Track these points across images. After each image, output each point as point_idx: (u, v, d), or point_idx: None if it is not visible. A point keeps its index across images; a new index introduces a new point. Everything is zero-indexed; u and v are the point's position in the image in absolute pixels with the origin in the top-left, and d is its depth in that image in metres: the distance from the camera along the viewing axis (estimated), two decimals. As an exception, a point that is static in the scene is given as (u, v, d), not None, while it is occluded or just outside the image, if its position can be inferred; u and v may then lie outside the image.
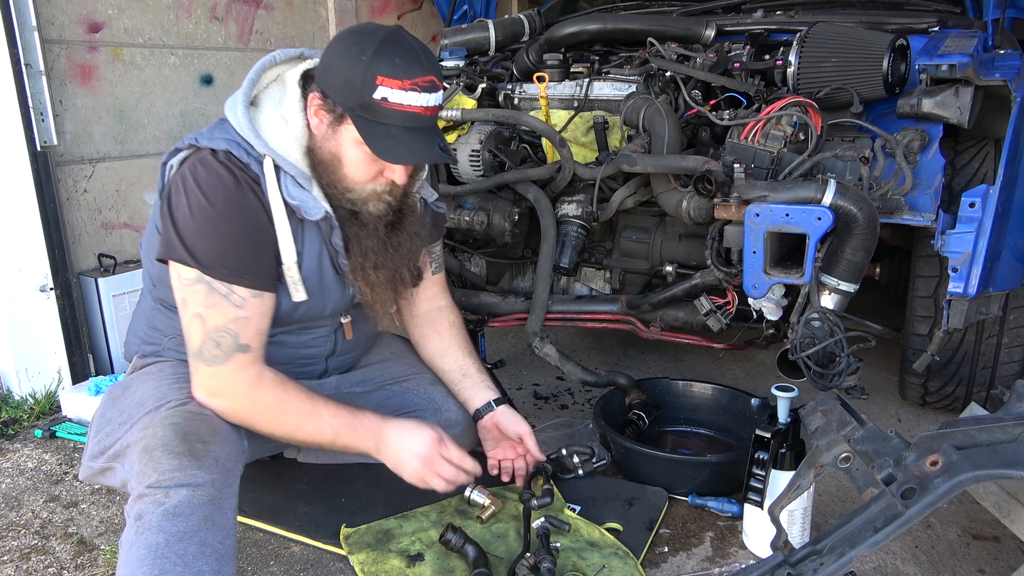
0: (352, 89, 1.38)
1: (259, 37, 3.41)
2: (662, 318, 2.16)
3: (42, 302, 2.50)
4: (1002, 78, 1.80)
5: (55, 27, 2.58)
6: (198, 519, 1.27)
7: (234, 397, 1.46)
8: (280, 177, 1.46)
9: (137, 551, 1.23)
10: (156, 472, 1.30)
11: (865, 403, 2.38)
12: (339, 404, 1.55)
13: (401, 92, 1.38)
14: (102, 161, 2.76)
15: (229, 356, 1.44)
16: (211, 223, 1.41)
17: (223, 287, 1.43)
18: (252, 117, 1.47)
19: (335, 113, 1.43)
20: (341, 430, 1.52)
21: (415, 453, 1.54)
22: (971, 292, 1.72)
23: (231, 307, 1.44)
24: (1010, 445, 1.22)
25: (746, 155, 1.79)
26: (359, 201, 1.52)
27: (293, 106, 1.49)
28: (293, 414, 1.49)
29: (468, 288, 2.42)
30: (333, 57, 1.42)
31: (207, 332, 1.43)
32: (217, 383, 1.45)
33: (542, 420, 2.34)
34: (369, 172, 1.48)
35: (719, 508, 1.80)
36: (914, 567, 1.64)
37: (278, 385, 1.49)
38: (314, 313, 1.61)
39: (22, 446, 2.23)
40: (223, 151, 1.44)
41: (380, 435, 1.54)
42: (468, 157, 2.26)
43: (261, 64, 1.52)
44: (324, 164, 1.48)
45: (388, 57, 1.37)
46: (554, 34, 2.41)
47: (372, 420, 1.56)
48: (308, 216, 1.48)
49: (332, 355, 1.73)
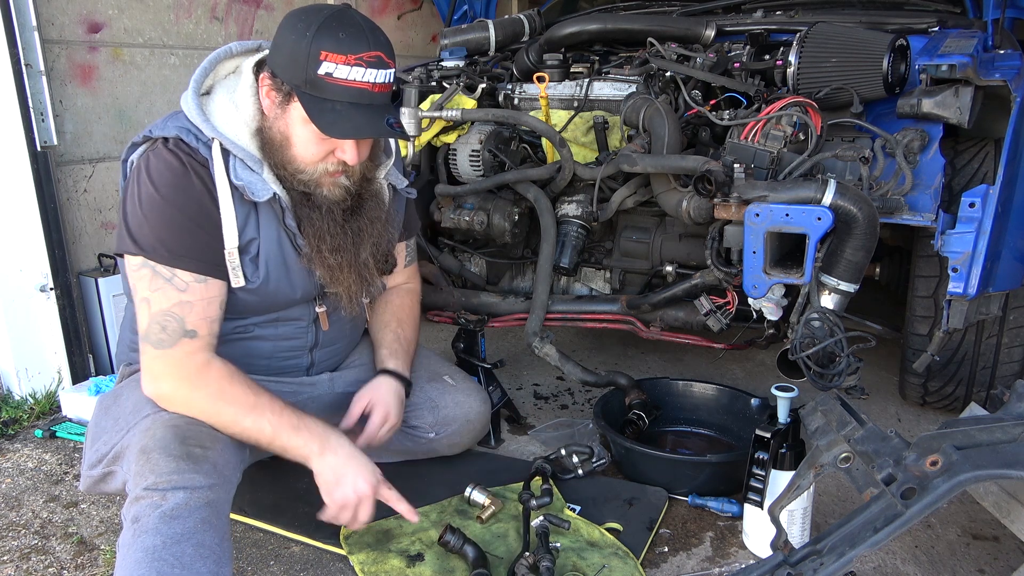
0: (297, 66, 1.39)
1: (259, 37, 3.39)
2: (662, 318, 2.16)
3: (42, 302, 2.50)
4: (1002, 78, 1.80)
5: (55, 27, 2.58)
6: (195, 521, 1.27)
7: (176, 381, 1.44)
8: (229, 160, 1.46)
9: (134, 553, 1.23)
10: (153, 474, 1.30)
11: (865, 403, 2.38)
12: (287, 404, 1.49)
13: (346, 67, 1.37)
14: (102, 161, 2.76)
15: (176, 341, 1.43)
16: (155, 209, 1.42)
17: (166, 271, 1.43)
18: (203, 104, 1.48)
19: (283, 92, 1.44)
20: (282, 429, 1.46)
21: (364, 476, 1.48)
22: (971, 292, 1.72)
23: (174, 291, 1.43)
24: (1010, 445, 1.22)
25: (746, 155, 1.79)
26: (311, 183, 1.51)
27: (245, 91, 1.50)
28: (231, 405, 1.45)
29: (468, 288, 2.42)
30: (281, 35, 1.43)
31: (152, 316, 1.43)
32: (161, 366, 1.44)
33: (542, 420, 2.34)
34: (319, 151, 1.47)
35: (719, 508, 1.80)
36: (914, 567, 1.64)
37: (224, 376, 1.46)
38: (284, 296, 1.59)
39: (22, 446, 2.23)
40: (173, 138, 1.45)
41: (331, 441, 1.49)
42: (468, 157, 2.26)
43: (216, 54, 1.54)
44: (274, 144, 1.48)
45: (332, 33, 1.37)
46: (554, 34, 2.41)
47: (320, 426, 1.50)
48: (255, 197, 1.47)
49: (316, 347, 1.72)
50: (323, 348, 1.73)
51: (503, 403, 2.25)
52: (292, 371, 1.70)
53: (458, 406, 1.85)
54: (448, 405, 1.84)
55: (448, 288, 2.36)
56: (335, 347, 1.78)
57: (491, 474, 1.91)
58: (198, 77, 1.51)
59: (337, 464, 1.48)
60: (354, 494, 1.48)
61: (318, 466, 1.48)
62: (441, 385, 1.86)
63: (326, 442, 1.48)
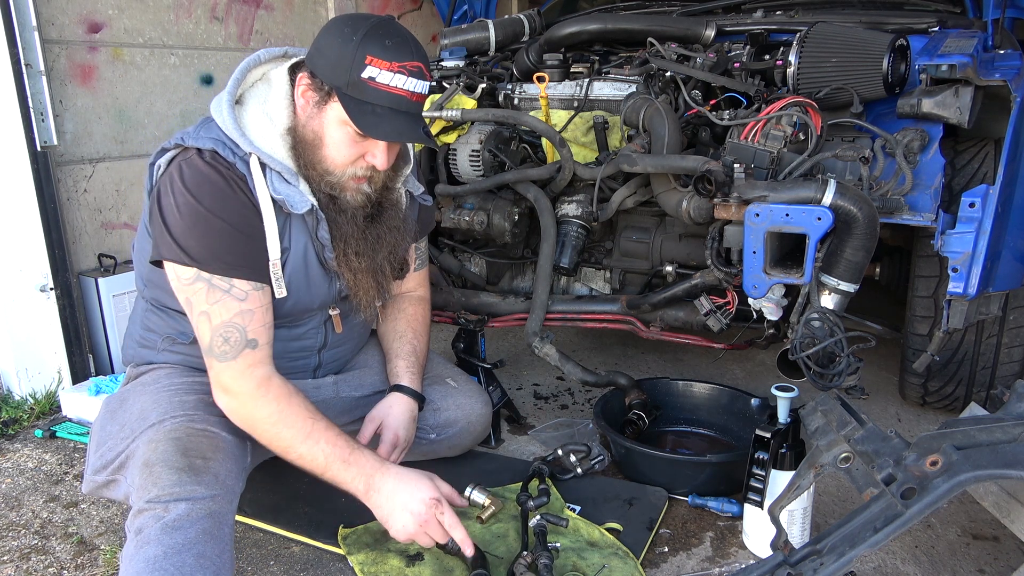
0: (341, 67, 1.41)
1: (259, 37, 3.41)
2: (662, 318, 2.16)
3: (42, 302, 2.50)
4: (1002, 78, 1.80)
5: (55, 27, 2.58)
6: (196, 532, 1.28)
7: (241, 397, 1.46)
8: (266, 174, 1.47)
9: (136, 564, 1.24)
10: (156, 487, 1.31)
11: (865, 403, 2.38)
12: (340, 433, 1.49)
13: (389, 73, 1.40)
14: (102, 161, 2.76)
15: (239, 352, 1.44)
16: (201, 220, 1.42)
17: (223, 282, 1.43)
18: (237, 116, 1.48)
19: (322, 92, 1.45)
20: (333, 462, 1.47)
21: (410, 511, 1.47)
22: (971, 292, 1.72)
23: (234, 301, 1.44)
24: (1010, 445, 1.22)
25: (746, 155, 1.79)
26: (337, 186, 1.52)
27: (279, 102, 1.50)
28: (290, 428, 1.46)
29: (468, 288, 2.42)
30: (325, 38, 1.45)
31: (214, 329, 1.44)
32: (228, 379, 1.46)
33: (542, 420, 2.34)
34: (350, 154, 1.49)
35: (719, 508, 1.80)
36: (914, 567, 1.64)
37: (283, 395, 1.47)
38: (302, 307, 1.61)
39: (22, 446, 2.23)
40: (209, 151, 1.45)
41: (374, 480, 1.48)
42: (468, 157, 2.26)
43: (246, 63, 1.54)
44: (306, 144, 1.49)
45: (379, 39, 1.40)
46: (554, 34, 2.41)
47: (368, 460, 1.49)
48: (294, 209, 1.48)
49: (324, 348, 1.73)
50: (332, 349, 1.74)
51: (503, 403, 2.25)
52: (299, 371, 1.71)
53: (459, 408, 1.85)
54: (450, 408, 1.84)
55: (448, 288, 2.36)
56: (343, 348, 1.79)
57: (491, 474, 1.91)
58: (231, 89, 1.50)
59: (382, 503, 1.48)
60: (404, 530, 1.47)
61: (369, 506, 1.50)
62: (443, 387, 1.86)
63: (371, 480, 1.48)
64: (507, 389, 2.35)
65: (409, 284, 1.89)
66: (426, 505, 1.47)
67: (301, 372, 1.71)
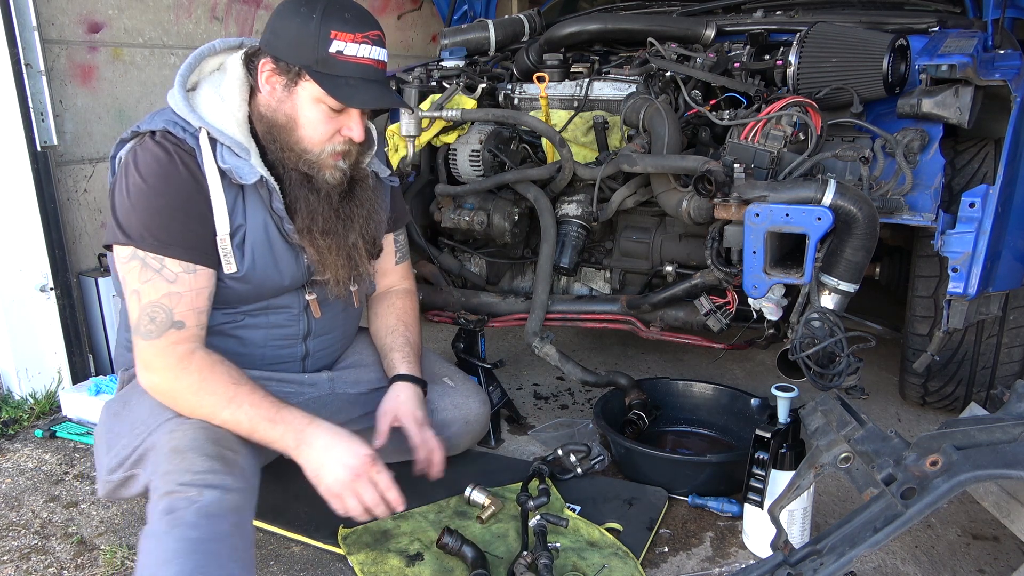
0: (306, 46, 1.43)
1: (259, 37, 3.40)
2: (662, 318, 2.16)
3: (42, 302, 2.50)
4: (1002, 78, 1.79)
5: (55, 27, 2.58)
6: (229, 524, 1.27)
7: (161, 371, 1.45)
8: (216, 148, 1.48)
9: (172, 542, 1.21)
10: (189, 472, 1.30)
11: (865, 403, 2.38)
12: (266, 395, 1.46)
13: (355, 45, 1.44)
14: (102, 161, 2.76)
15: (163, 331, 1.44)
16: (143, 198, 1.43)
17: (155, 261, 1.44)
18: (189, 99, 1.50)
19: (289, 74, 1.47)
20: (259, 422, 1.42)
21: (344, 463, 1.42)
22: (971, 292, 1.72)
23: (164, 282, 1.44)
24: (1010, 445, 1.22)
25: (746, 155, 1.79)
26: (316, 164, 1.53)
27: (232, 84, 1.52)
28: (211, 395, 1.43)
29: (468, 288, 2.42)
30: (281, 22, 1.47)
31: (142, 308, 1.44)
32: (149, 356, 1.45)
33: (542, 420, 2.34)
34: (327, 130, 1.50)
35: (719, 508, 1.80)
36: (914, 567, 1.64)
37: (206, 365, 1.45)
38: (272, 284, 1.59)
39: (22, 446, 2.23)
40: (160, 131, 1.47)
41: (304, 433, 1.44)
42: (468, 157, 2.26)
43: (200, 51, 1.57)
44: (279, 127, 1.50)
45: (338, 13, 1.43)
46: (554, 34, 2.41)
47: (297, 416, 1.45)
48: (243, 179, 1.47)
49: (309, 335, 1.71)
50: (316, 337, 1.73)
51: (503, 403, 2.25)
52: (288, 361, 1.70)
53: (457, 408, 1.85)
54: (447, 407, 1.83)
55: (448, 288, 2.36)
56: (329, 337, 1.77)
57: (491, 474, 1.91)
58: (184, 72, 1.53)
59: (313, 456, 1.44)
60: (337, 484, 1.43)
61: (300, 462, 1.45)
62: (440, 387, 1.85)
63: (300, 434, 1.44)
64: (507, 389, 2.35)
65: (393, 278, 1.89)
66: (360, 460, 1.43)
67: (289, 362, 1.70)
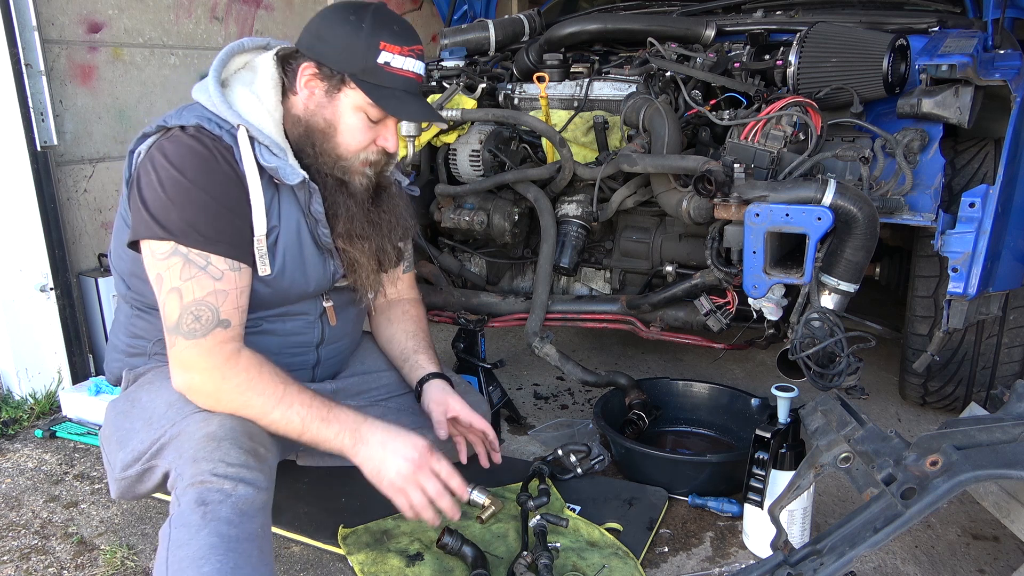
0: (355, 55, 1.44)
1: (259, 37, 3.41)
2: (662, 318, 2.16)
3: (42, 302, 2.50)
4: (1002, 78, 1.80)
5: (55, 27, 2.58)
6: (259, 524, 1.27)
7: (206, 371, 1.39)
8: (254, 146, 1.46)
9: (208, 537, 1.20)
10: (223, 463, 1.27)
11: (865, 403, 2.38)
12: (315, 394, 1.44)
13: (401, 57, 1.46)
14: (102, 161, 2.76)
15: (209, 330, 1.38)
16: (182, 191, 1.38)
17: (199, 258, 1.38)
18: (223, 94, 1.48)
19: (332, 80, 1.47)
20: (311, 421, 1.40)
21: (405, 456, 1.41)
22: (971, 292, 1.72)
23: (209, 279, 1.39)
24: (1010, 445, 1.22)
25: (746, 155, 1.79)
26: (349, 170, 1.53)
27: (266, 83, 1.51)
28: (260, 395, 1.39)
29: (468, 288, 2.42)
30: (328, 28, 1.47)
31: (185, 306, 1.38)
32: (193, 356, 1.38)
33: (542, 420, 2.34)
34: (364, 139, 1.51)
35: (719, 508, 1.80)
36: (914, 567, 1.64)
37: (254, 365, 1.42)
38: (298, 289, 1.57)
39: (22, 446, 2.23)
40: (193, 126, 1.42)
41: (360, 431, 1.43)
42: (468, 157, 2.26)
43: (229, 49, 1.55)
44: (318, 132, 1.50)
45: (387, 25, 1.46)
46: (554, 34, 2.41)
47: (350, 415, 1.44)
48: (286, 180, 1.46)
49: (322, 343, 1.70)
50: (328, 345, 1.73)
51: (503, 403, 2.25)
52: (299, 368, 1.69)
53: None
54: None
55: (448, 288, 2.36)
56: (340, 344, 1.77)
57: (491, 474, 1.90)
58: (217, 67, 1.50)
59: (372, 454, 1.42)
60: (399, 477, 1.41)
61: (357, 460, 1.43)
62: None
63: (356, 432, 1.42)
64: (507, 389, 2.35)
65: (401, 286, 1.89)
66: (420, 451, 1.43)
67: (301, 369, 1.70)
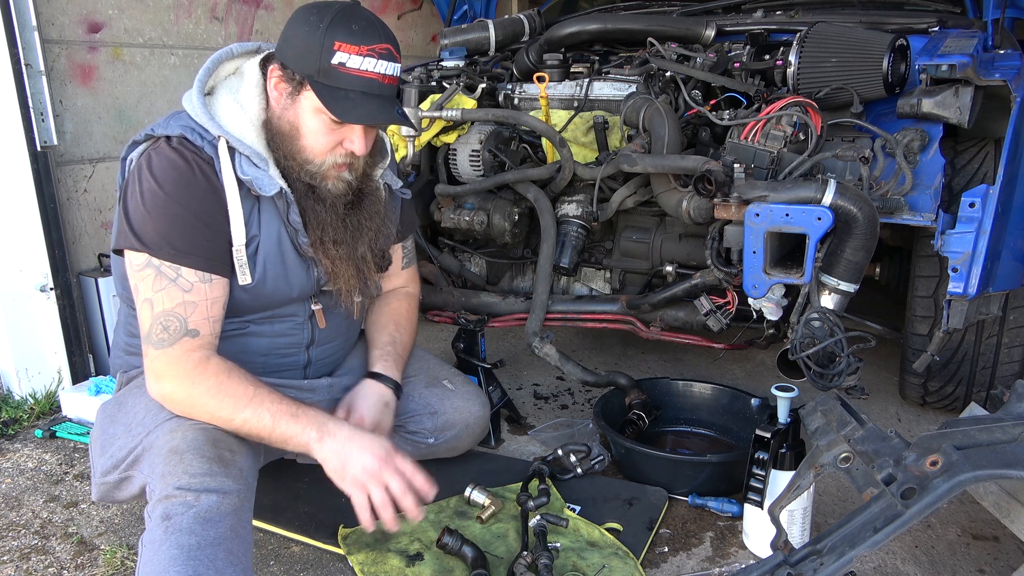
0: (310, 55, 1.42)
1: (259, 37, 3.41)
2: (662, 318, 2.16)
3: (42, 302, 2.50)
4: (1002, 78, 1.79)
5: (55, 27, 2.58)
6: (226, 528, 1.27)
7: (176, 379, 1.42)
8: (235, 157, 1.47)
9: (168, 550, 1.21)
10: (187, 475, 1.29)
11: (865, 403, 2.38)
12: (284, 396, 1.46)
13: (359, 57, 1.42)
14: (102, 161, 2.76)
15: (177, 340, 1.42)
16: (159, 205, 1.42)
17: (170, 270, 1.42)
18: (208, 104, 1.49)
19: (294, 82, 1.46)
20: (281, 417, 1.42)
21: (369, 451, 1.43)
22: (971, 292, 1.72)
23: (179, 291, 1.43)
24: (1010, 445, 1.22)
25: (746, 155, 1.79)
26: (317, 175, 1.52)
27: (250, 91, 1.51)
28: (231, 397, 1.42)
29: (468, 288, 2.42)
30: (291, 28, 1.46)
31: (155, 316, 1.43)
32: (162, 365, 1.43)
33: (542, 420, 2.34)
34: (328, 142, 1.50)
35: (719, 508, 1.80)
36: (914, 567, 1.64)
37: (223, 370, 1.44)
38: (282, 295, 1.59)
39: (22, 446, 2.23)
40: (177, 137, 1.45)
41: (328, 426, 1.44)
42: (468, 157, 2.26)
43: (217, 56, 1.55)
44: (283, 135, 1.50)
45: (345, 24, 1.42)
46: (554, 34, 2.41)
47: (320, 413, 1.47)
48: (262, 191, 1.47)
49: (312, 344, 1.71)
50: (319, 346, 1.73)
51: (503, 403, 2.25)
52: (289, 369, 1.70)
53: (457, 411, 1.84)
54: (447, 411, 1.83)
55: (448, 288, 2.36)
56: (332, 345, 1.77)
57: (491, 474, 1.91)
58: (202, 77, 1.52)
59: (337, 447, 1.43)
60: (363, 472, 1.42)
61: (320, 454, 1.44)
62: (440, 390, 1.85)
63: (323, 427, 1.44)
64: (507, 389, 2.35)
65: (398, 281, 1.89)
66: (386, 449, 1.45)
67: (291, 370, 1.70)
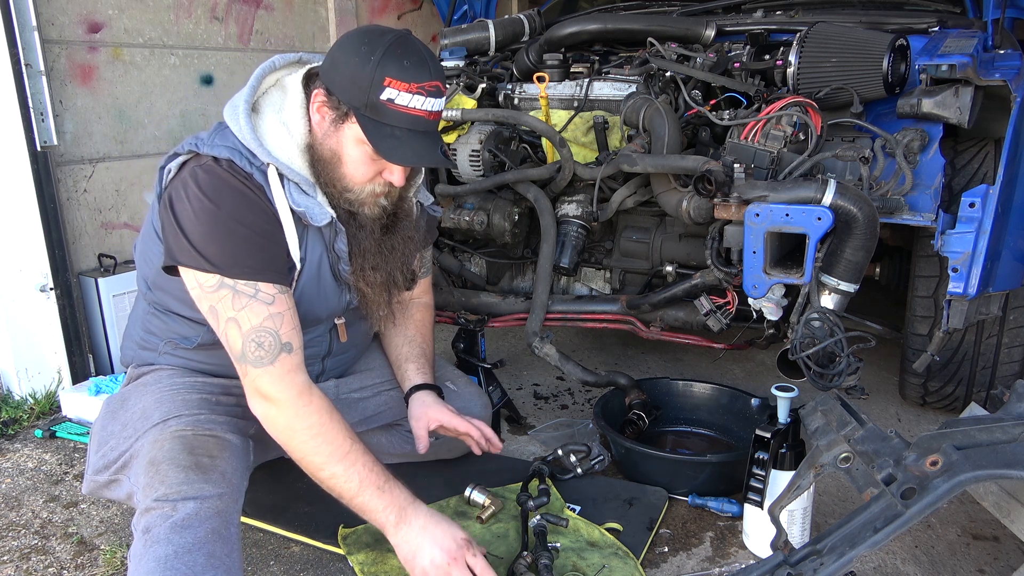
0: (359, 88, 1.38)
1: (259, 37, 3.41)
2: (662, 318, 2.16)
3: (42, 302, 2.50)
4: (1002, 78, 1.80)
5: (55, 27, 2.58)
6: (206, 531, 1.27)
7: (282, 405, 1.41)
8: (284, 185, 1.45)
9: (146, 564, 1.23)
10: (163, 486, 1.30)
11: (865, 403, 2.38)
12: (376, 460, 1.46)
13: (408, 95, 1.38)
14: (102, 161, 2.76)
15: (275, 356, 1.40)
16: (220, 224, 1.38)
17: (248, 287, 1.39)
18: (254, 125, 1.45)
19: (339, 111, 1.43)
20: (367, 487, 1.42)
21: (442, 547, 1.42)
22: (971, 292, 1.72)
23: (262, 305, 1.40)
24: (1010, 445, 1.22)
25: (746, 155, 1.79)
26: (356, 202, 1.51)
27: (295, 111, 1.48)
28: (329, 444, 1.41)
29: (468, 288, 2.42)
30: (341, 55, 1.41)
31: (246, 335, 1.39)
32: (267, 385, 1.41)
33: (542, 420, 2.34)
34: (368, 172, 1.48)
35: (719, 508, 1.80)
36: (914, 567, 1.64)
37: (325, 409, 1.44)
38: (311, 318, 1.59)
39: (22, 446, 2.23)
40: (225, 160, 1.41)
41: (407, 511, 1.44)
42: (468, 157, 2.26)
43: (261, 70, 1.51)
44: (324, 161, 1.47)
45: (397, 60, 1.37)
46: (554, 34, 2.41)
47: (403, 492, 1.46)
48: (314, 222, 1.46)
49: (328, 355, 1.72)
50: (335, 356, 1.74)
51: (503, 403, 2.25)
52: None
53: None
54: None
55: (448, 288, 2.36)
56: (348, 355, 1.79)
57: (491, 474, 1.91)
58: (248, 97, 1.47)
59: (411, 537, 1.43)
60: (432, 566, 1.42)
61: (394, 539, 1.45)
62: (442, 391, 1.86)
63: (403, 512, 1.44)
64: (507, 389, 2.35)
65: (417, 290, 1.89)
66: (458, 544, 1.43)
67: None
